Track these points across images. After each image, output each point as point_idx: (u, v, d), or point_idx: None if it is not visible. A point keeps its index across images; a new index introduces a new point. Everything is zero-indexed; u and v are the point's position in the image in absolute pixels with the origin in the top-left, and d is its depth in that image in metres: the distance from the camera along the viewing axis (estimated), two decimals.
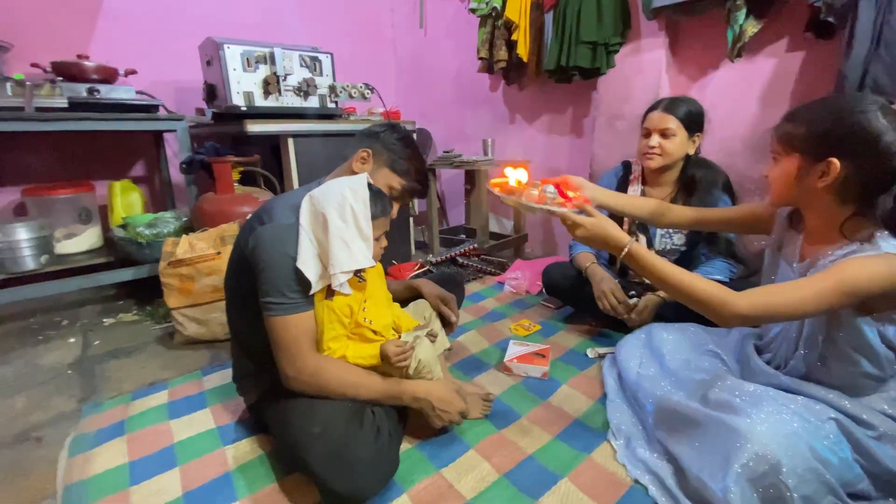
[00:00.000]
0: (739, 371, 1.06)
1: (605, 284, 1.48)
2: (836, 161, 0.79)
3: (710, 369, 1.04)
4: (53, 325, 1.83)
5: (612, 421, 1.11)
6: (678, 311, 0.94)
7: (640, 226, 1.55)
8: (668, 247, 1.52)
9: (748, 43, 1.61)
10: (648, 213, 1.21)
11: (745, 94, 1.74)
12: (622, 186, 1.63)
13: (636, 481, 0.94)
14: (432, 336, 1.11)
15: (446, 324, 1.27)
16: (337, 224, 0.92)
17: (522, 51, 2.22)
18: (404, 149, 1.09)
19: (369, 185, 0.99)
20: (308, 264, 0.91)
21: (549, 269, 1.75)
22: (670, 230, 1.52)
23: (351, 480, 0.82)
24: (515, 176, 1.02)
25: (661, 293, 1.43)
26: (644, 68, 1.95)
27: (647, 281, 1.46)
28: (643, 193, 1.59)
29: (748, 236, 1.66)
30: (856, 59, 1.32)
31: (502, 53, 2.34)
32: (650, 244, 1.54)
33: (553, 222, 2.67)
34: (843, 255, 0.81)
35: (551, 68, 2.11)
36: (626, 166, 1.66)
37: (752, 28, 1.59)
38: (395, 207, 1.11)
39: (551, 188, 0.99)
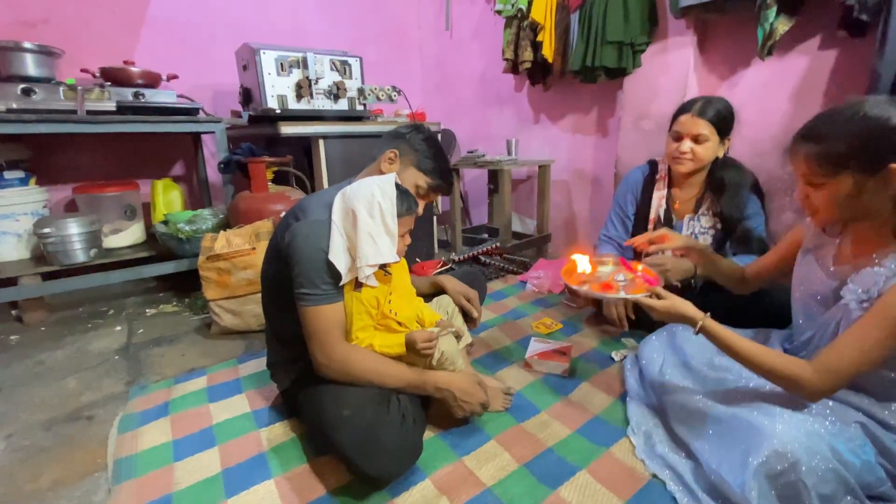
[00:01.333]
0: None
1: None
2: (893, 167, 0.76)
3: (733, 368, 1.05)
4: (100, 315, 1.96)
5: (633, 418, 1.12)
6: (705, 306, 0.95)
7: (667, 224, 1.55)
8: None
9: (779, 41, 1.59)
10: (735, 280, 1.20)
11: (775, 94, 1.72)
12: (648, 186, 1.63)
13: (654, 476, 0.96)
14: (457, 334, 1.16)
15: (469, 319, 1.31)
16: (365, 220, 0.97)
17: (548, 51, 2.24)
18: (429, 149, 1.14)
19: (396, 184, 1.03)
20: (339, 257, 0.96)
21: None
22: (695, 230, 1.51)
23: (378, 461, 0.87)
24: (582, 266, 1.12)
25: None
26: (671, 68, 1.94)
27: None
28: (669, 194, 1.59)
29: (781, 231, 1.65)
30: (889, 57, 1.29)
31: (527, 54, 2.35)
32: None
33: (577, 224, 2.67)
34: (890, 273, 0.80)
35: (577, 68, 2.12)
36: (653, 165, 1.65)
37: (783, 26, 1.56)
38: (421, 205, 1.16)
39: (621, 276, 1.09)
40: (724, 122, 1.41)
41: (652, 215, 1.63)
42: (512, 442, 1.07)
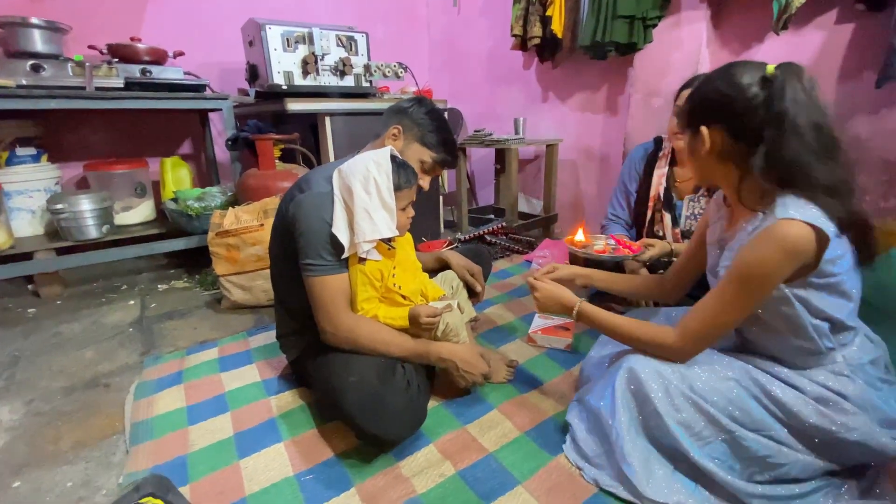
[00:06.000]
0: None
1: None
2: (703, 129, 0.82)
3: None
4: (114, 290, 2.01)
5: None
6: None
7: (666, 204, 1.55)
8: (693, 228, 1.51)
9: (795, 15, 1.55)
10: (650, 289, 1.19)
11: None
12: (651, 163, 1.62)
13: None
14: (460, 306, 1.17)
15: (472, 294, 1.33)
16: (361, 196, 0.98)
17: (557, 26, 2.20)
18: (432, 122, 1.13)
19: (393, 157, 1.03)
20: (341, 229, 0.98)
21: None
22: (695, 210, 1.50)
23: (383, 424, 0.90)
24: (579, 236, 1.44)
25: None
26: (683, 42, 1.90)
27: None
28: (671, 172, 1.58)
29: None
30: None
31: (536, 30, 2.31)
32: (675, 222, 1.53)
33: (584, 204, 2.66)
34: (748, 235, 0.81)
35: (587, 44, 2.08)
36: (658, 142, 1.64)
37: None
38: (427, 180, 1.17)
39: (612, 241, 1.45)
40: None
41: (652, 193, 1.62)
42: (514, 411, 1.10)
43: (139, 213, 2.23)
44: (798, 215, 0.73)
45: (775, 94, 0.75)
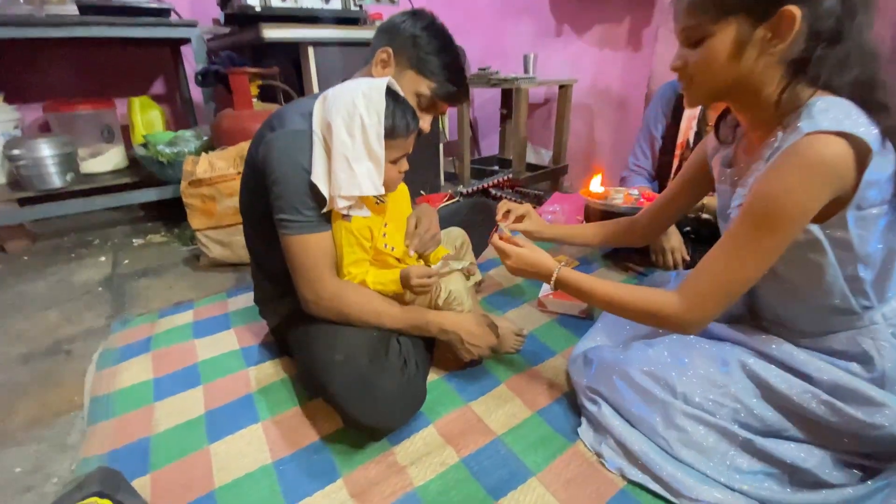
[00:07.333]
0: None
1: (674, 240, 1.34)
2: (791, 8, 0.57)
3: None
4: (85, 245, 1.84)
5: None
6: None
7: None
8: None
9: None
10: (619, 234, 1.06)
11: None
12: (680, 103, 1.42)
13: None
14: (467, 272, 1.01)
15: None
16: (341, 138, 0.78)
17: None
18: (432, 40, 0.89)
19: (391, 92, 0.82)
20: (321, 177, 0.79)
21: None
22: None
23: (375, 411, 0.76)
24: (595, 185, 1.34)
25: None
26: None
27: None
28: (703, 115, 1.38)
29: None
30: None
31: None
32: None
33: (597, 154, 2.44)
34: (766, 163, 0.63)
35: None
36: None
37: None
38: (426, 120, 0.96)
39: (635, 192, 1.31)
40: None
41: (680, 139, 1.44)
42: (524, 387, 0.97)
43: (108, 160, 2.02)
44: (830, 125, 0.56)
45: None
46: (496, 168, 2.59)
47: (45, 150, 1.73)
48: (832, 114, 0.57)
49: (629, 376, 0.79)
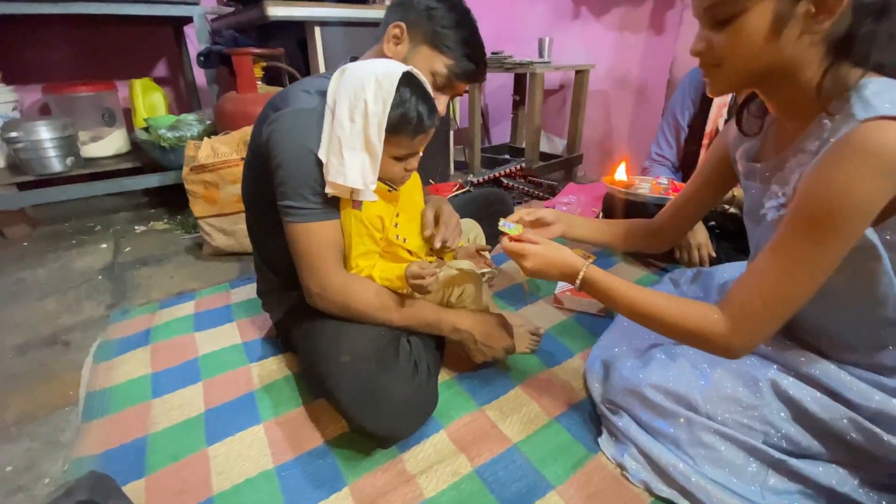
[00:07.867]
0: None
1: (700, 236, 1.27)
2: None
3: None
4: (87, 231, 1.80)
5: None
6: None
7: None
8: None
9: None
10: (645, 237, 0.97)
11: None
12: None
13: None
14: (487, 268, 0.93)
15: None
16: (342, 119, 0.71)
17: None
18: (448, 13, 0.81)
19: (412, 84, 0.73)
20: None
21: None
22: None
23: (383, 419, 0.71)
24: (621, 174, 1.25)
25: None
26: None
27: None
28: (734, 102, 1.29)
29: None
30: None
31: None
32: None
33: (614, 143, 2.35)
34: (812, 157, 0.55)
35: None
36: None
37: None
38: (442, 102, 0.87)
39: (664, 181, 1.23)
40: None
41: (708, 128, 1.36)
42: (540, 390, 0.91)
43: (110, 144, 1.97)
44: (890, 109, 0.49)
45: None
46: (507, 157, 2.51)
47: (45, 133, 1.68)
48: (889, 97, 0.50)
49: (649, 399, 0.74)
